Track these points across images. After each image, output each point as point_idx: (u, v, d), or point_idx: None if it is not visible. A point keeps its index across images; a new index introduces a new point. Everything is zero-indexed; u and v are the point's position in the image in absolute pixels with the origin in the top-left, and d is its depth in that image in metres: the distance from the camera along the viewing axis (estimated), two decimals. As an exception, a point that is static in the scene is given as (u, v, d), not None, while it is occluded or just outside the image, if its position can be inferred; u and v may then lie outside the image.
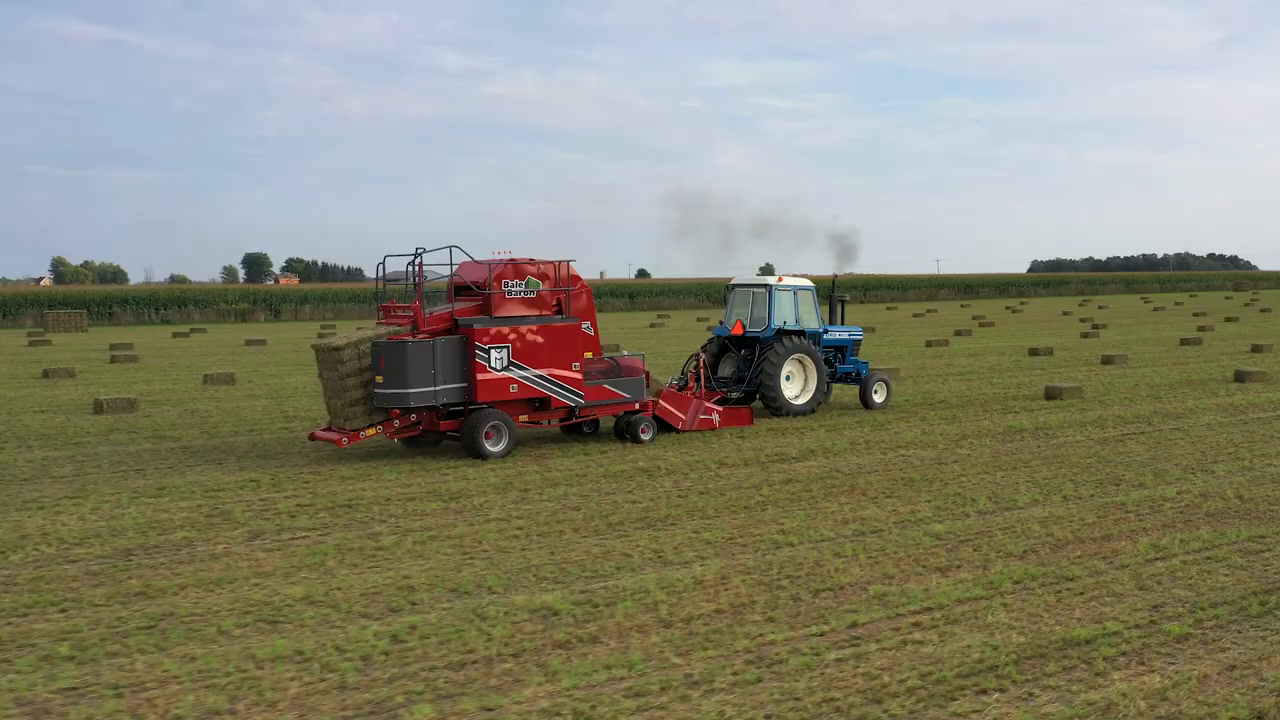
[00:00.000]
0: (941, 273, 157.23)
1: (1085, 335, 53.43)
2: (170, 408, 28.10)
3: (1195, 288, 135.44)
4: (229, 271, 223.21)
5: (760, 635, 10.27)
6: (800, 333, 25.48)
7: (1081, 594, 11.50)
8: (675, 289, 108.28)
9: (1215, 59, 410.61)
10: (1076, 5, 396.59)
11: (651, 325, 70.57)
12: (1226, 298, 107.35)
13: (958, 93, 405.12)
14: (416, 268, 20.23)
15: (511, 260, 20.62)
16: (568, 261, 21.30)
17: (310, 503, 16.31)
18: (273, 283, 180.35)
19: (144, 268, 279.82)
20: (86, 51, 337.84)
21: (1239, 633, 10.29)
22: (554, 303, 21.06)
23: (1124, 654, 9.74)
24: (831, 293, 28.05)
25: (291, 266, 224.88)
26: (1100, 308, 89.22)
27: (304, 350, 48.71)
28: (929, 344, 47.93)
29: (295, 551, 13.49)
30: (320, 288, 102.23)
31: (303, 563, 12.98)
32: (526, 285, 20.56)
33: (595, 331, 21.53)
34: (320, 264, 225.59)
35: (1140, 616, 10.72)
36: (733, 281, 26.67)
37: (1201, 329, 56.70)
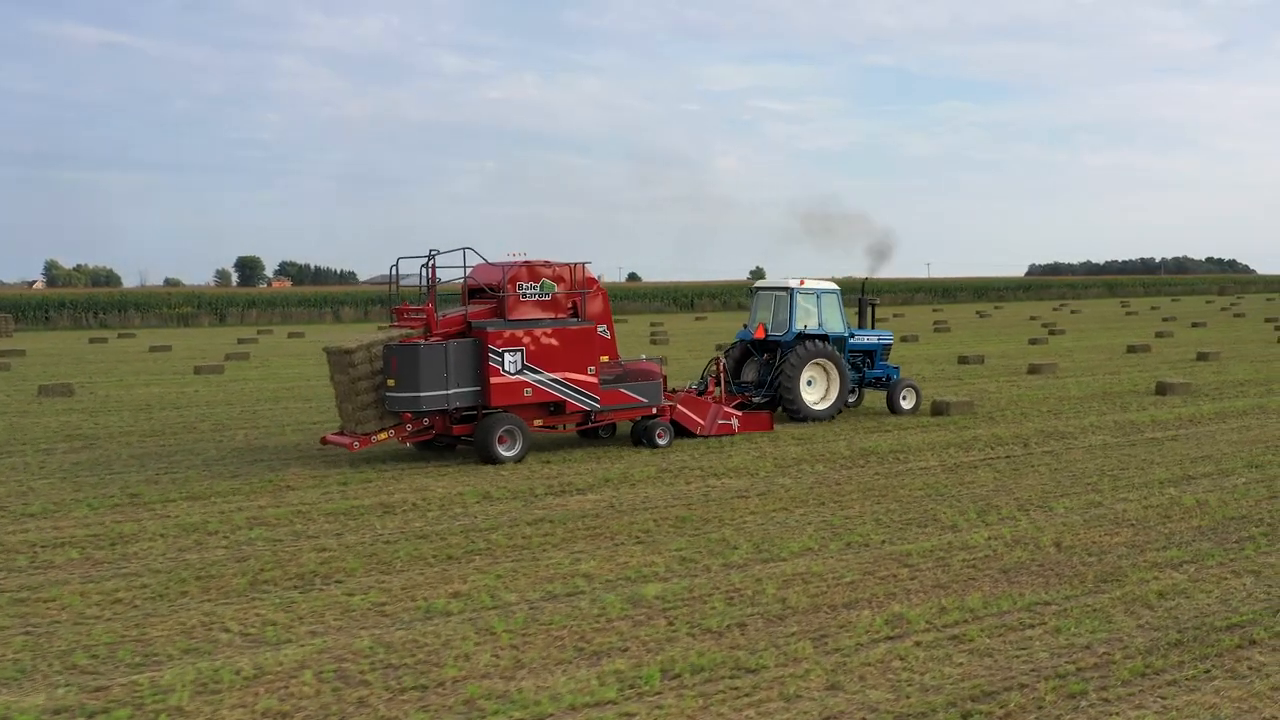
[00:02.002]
0: (932, 276, 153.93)
1: (1033, 341, 50.57)
2: (-42, 424, 25.33)
3: (1180, 292, 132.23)
4: (222, 275, 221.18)
5: (241, 770, 7.47)
6: (824, 337, 24.38)
7: (743, 698, 8.68)
8: (642, 293, 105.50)
9: (1215, 62, 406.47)
10: (1076, 8, 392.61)
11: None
12: (1208, 302, 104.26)
13: (958, 95, 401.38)
14: (430, 269, 19.46)
15: (526, 262, 19.97)
16: (583, 264, 20.60)
17: (-66, 550, 13.51)
18: (266, 286, 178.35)
19: (138, 271, 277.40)
20: (86, 54, 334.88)
21: (901, 768, 7.47)
22: (569, 305, 20.41)
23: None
24: (861, 296, 27.02)
25: (285, 270, 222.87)
26: (1073, 312, 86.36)
27: (191, 359, 46.06)
28: (860, 351, 45.05)
29: None
30: (270, 292, 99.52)
31: None
32: (541, 288, 19.98)
33: (612, 335, 20.94)
34: (313, 267, 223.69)
35: (788, 737, 7.90)
36: (755, 285, 25.90)
37: (1159, 335, 53.86)
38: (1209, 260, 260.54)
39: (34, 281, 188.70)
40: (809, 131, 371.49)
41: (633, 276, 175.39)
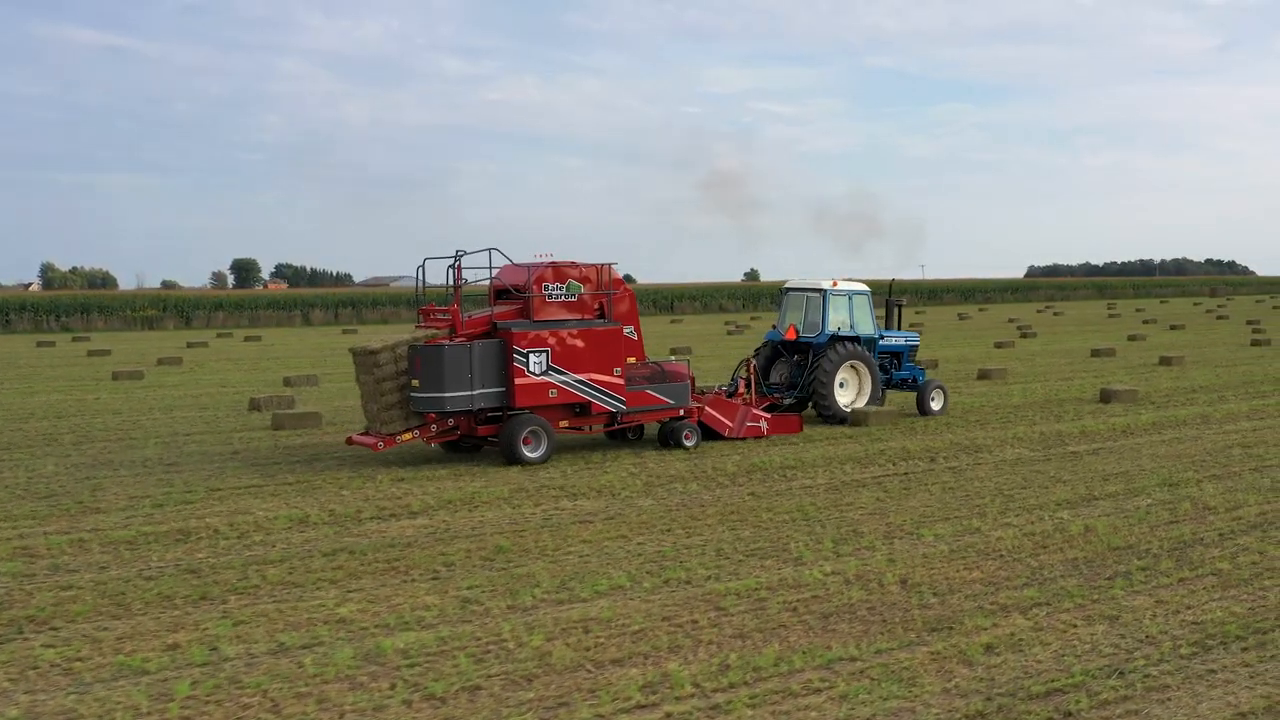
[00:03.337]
0: (926, 278, 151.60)
1: (999, 345, 48.85)
2: None
3: (1172, 293, 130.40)
4: (218, 277, 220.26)
5: None
6: (855, 338, 24.32)
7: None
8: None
9: (1215, 63, 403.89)
10: (1076, 10, 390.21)
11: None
12: (1195, 304, 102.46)
13: (958, 97, 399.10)
14: (455, 270, 19.35)
15: (552, 263, 19.87)
16: (610, 264, 20.46)
17: None
18: (262, 288, 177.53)
19: (135, 273, 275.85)
20: (87, 57, 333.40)
21: None
22: (596, 306, 20.24)
23: None
24: (888, 297, 26.93)
25: (280, 272, 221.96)
26: (1056, 314, 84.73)
27: (125, 364, 44.53)
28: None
29: None
30: (238, 294, 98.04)
31: None
32: (567, 289, 19.87)
33: (639, 336, 20.76)
34: (309, 269, 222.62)
35: None
36: (786, 285, 25.61)
37: (1131, 337, 52.21)
38: (1208, 262, 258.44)
39: (30, 284, 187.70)
40: (809, 133, 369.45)
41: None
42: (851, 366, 24.28)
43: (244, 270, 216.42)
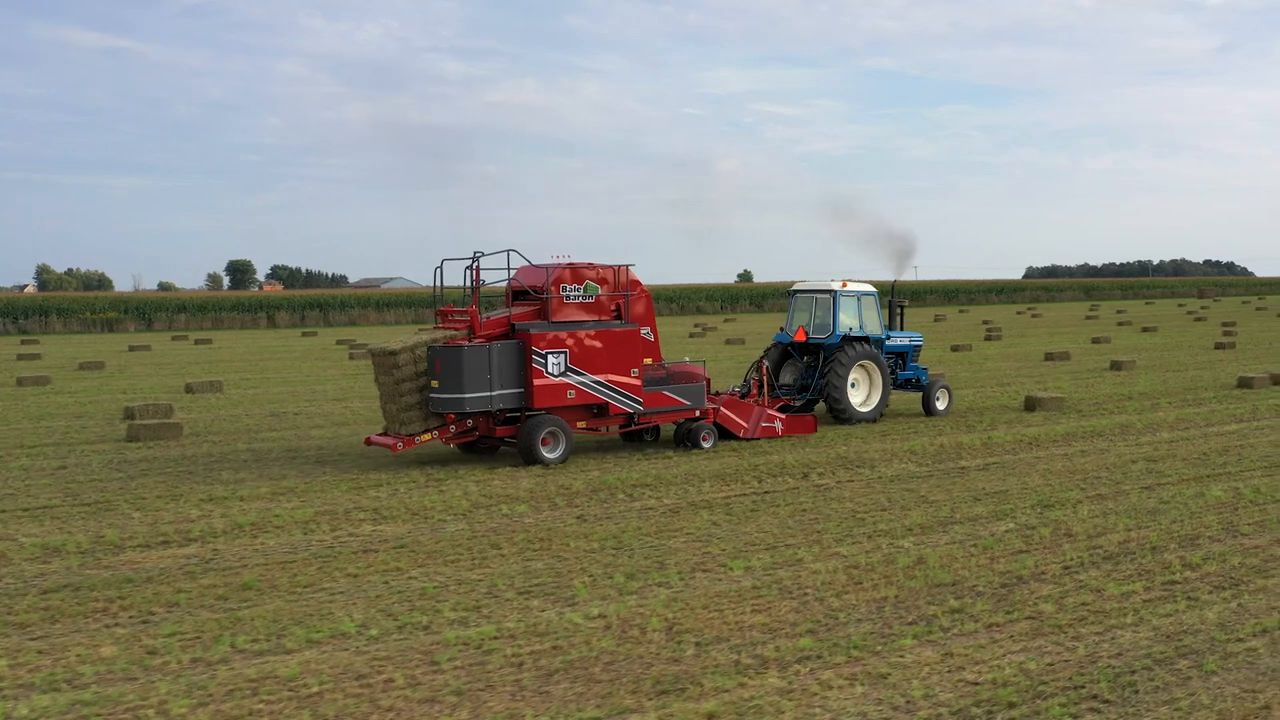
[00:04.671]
0: (920, 279, 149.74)
1: (955, 349, 47.24)
2: None
3: (1160, 294, 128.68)
4: (214, 279, 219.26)
5: None
6: (864, 339, 24.31)
7: None
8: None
9: (1215, 65, 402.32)
10: (1076, 11, 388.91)
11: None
12: (1179, 304, 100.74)
13: (959, 99, 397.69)
14: (474, 271, 19.37)
15: (570, 264, 19.86)
16: (627, 266, 20.48)
17: None
18: (257, 290, 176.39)
19: (132, 275, 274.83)
20: (87, 59, 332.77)
21: None
22: (613, 308, 20.27)
23: None
24: (891, 298, 26.98)
25: (276, 274, 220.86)
26: (1034, 316, 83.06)
27: (49, 367, 43.00)
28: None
29: None
30: (201, 295, 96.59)
31: None
32: (585, 290, 19.87)
33: (655, 337, 20.79)
34: (304, 271, 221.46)
35: None
36: (794, 287, 25.46)
37: (1095, 340, 50.64)
38: (1207, 263, 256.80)
39: (25, 285, 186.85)
40: (810, 135, 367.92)
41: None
42: (862, 367, 24.21)
43: (239, 272, 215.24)
